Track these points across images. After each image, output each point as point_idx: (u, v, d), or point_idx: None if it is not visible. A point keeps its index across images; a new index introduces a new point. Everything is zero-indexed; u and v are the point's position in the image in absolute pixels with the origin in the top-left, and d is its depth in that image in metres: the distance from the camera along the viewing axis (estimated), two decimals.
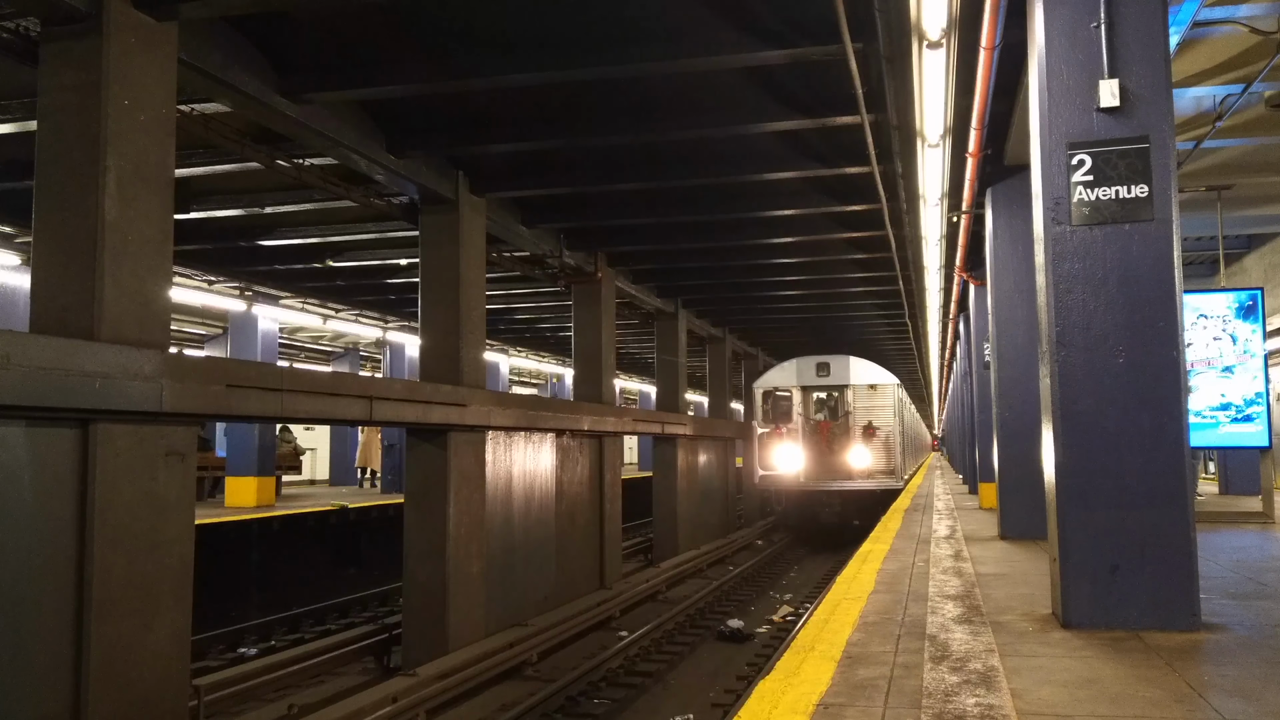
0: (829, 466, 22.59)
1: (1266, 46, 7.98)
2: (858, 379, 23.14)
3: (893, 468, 22.51)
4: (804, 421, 23.22)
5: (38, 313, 6.40)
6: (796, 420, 23.24)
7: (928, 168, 9.38)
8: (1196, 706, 3.73)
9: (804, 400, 23.48)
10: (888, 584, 6.99)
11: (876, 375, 23.26)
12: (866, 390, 23.21)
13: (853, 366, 23.12)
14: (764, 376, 24.30)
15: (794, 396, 23.44)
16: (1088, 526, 5.14)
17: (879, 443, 22.70)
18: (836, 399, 23.79)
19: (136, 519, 6.33)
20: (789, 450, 22.79)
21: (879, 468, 22.48)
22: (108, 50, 6.43)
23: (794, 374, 23.45)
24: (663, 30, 7.89)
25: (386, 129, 10.01)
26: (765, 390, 23.83)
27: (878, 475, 22.25)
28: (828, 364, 23.17)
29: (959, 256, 13.59)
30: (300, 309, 20.35)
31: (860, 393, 23.24)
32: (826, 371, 23.15)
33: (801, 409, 23.35)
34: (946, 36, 6.48)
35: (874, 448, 22.55)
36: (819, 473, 22.61)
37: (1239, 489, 16.03)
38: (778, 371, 24.04)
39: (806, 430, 23.22)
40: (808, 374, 23.25)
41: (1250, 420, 11.24)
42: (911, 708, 3.73)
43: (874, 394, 23.12)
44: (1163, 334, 5.13)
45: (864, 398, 23.15)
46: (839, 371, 23.15)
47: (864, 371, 23.26)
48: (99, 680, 6.00)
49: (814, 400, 23.83)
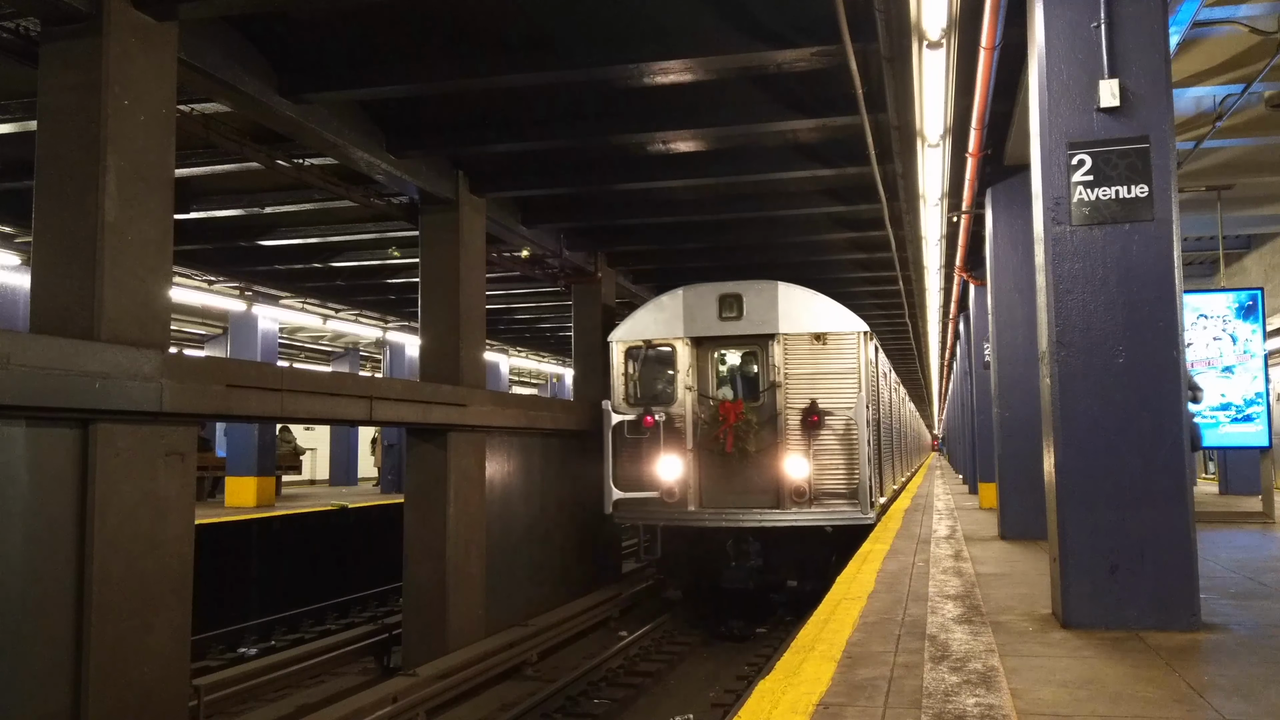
0: (739, 484, 12.39)
1: (1266, 46, 7.98)
2: (791, 323, 12.40)
3: (855, 485, 12.03)
4: (694, 403, 12.65)
5: (38, 313, 6.40)
6: (681, 400, 12.66)
7: (928, 168, 9.38)
8: (1196, 706, 3.73)
9: (696, 364, 12.77)
10: (888, 584, 6.99)
11: (827, 317, 12.44)
12: (808, 345, 12.40)
13: (783, 302, 12.45)
14: (626, 322, 13.34)
15: (677, 357, 12.79)
16: (1088, 526, 5.13)
17: (833, 441, 12.28)
18: (754, 361, 12.81)
19: (136, 519, 6.33)
20: (665, 456, 12.54)
21: (832, 485, 12.19)
22: (108, 50, 6.43)
23: (678, 315, 12.79)
24: (663, 31, 7.89)
25: (386, 129, 10.01)
26: (629, 347, 13.11)
27: (829, 499, 12.11)
28: (738, 297, 12.59)
29: (959, 256, 13.59)
30: (300, 309, 20.36)
31: (796, 349, 12.44)
32: (735, 310, 12.57)
33: (692, 380, 12.69)
34: (946, 36, 6.48)
35: (822, 450, 12.28)
36: (721, 495, 12.42)
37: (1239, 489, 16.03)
38: (650, 313, 13.12)
39: (699, 418, 12.60)
40: (702, 315, 12.70)
41: (1250, 420, 11.25)
42: (911, 708, 3.73)
43: (822, 351, 12.38)
44: (1163, 334, 5.13)
45: (804, 358, 12.44)
46: (758, 310, 12.50)
47: (803, 311, 12.47)
48: (99, 680, 6.00)
49: (714, 363, 12.92)
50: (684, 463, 12.40)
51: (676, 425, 12.57)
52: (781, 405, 12.28)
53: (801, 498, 11.99)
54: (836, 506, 12.01)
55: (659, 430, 12.48)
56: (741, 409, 12.20)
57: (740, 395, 12.59)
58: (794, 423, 12.22)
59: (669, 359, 12.83)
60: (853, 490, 11.96)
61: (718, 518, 12.26)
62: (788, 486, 12.08)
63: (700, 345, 12.77)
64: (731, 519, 12.21)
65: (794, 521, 12.04)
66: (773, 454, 12.20)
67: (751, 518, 12.15)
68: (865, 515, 11.84)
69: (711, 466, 12.40)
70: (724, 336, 12.63)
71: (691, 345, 12.70)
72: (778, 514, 12.06)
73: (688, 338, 12.68)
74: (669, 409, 12.63)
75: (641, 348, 12.97)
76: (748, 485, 12.28)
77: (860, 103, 8.15)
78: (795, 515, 12.03)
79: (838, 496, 12.02)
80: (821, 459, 12.14)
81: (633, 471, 12.63)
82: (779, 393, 12.32)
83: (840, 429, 12.15)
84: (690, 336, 12.67)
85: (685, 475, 12.38)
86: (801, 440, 12.17)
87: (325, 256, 15.78)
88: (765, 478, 12.24)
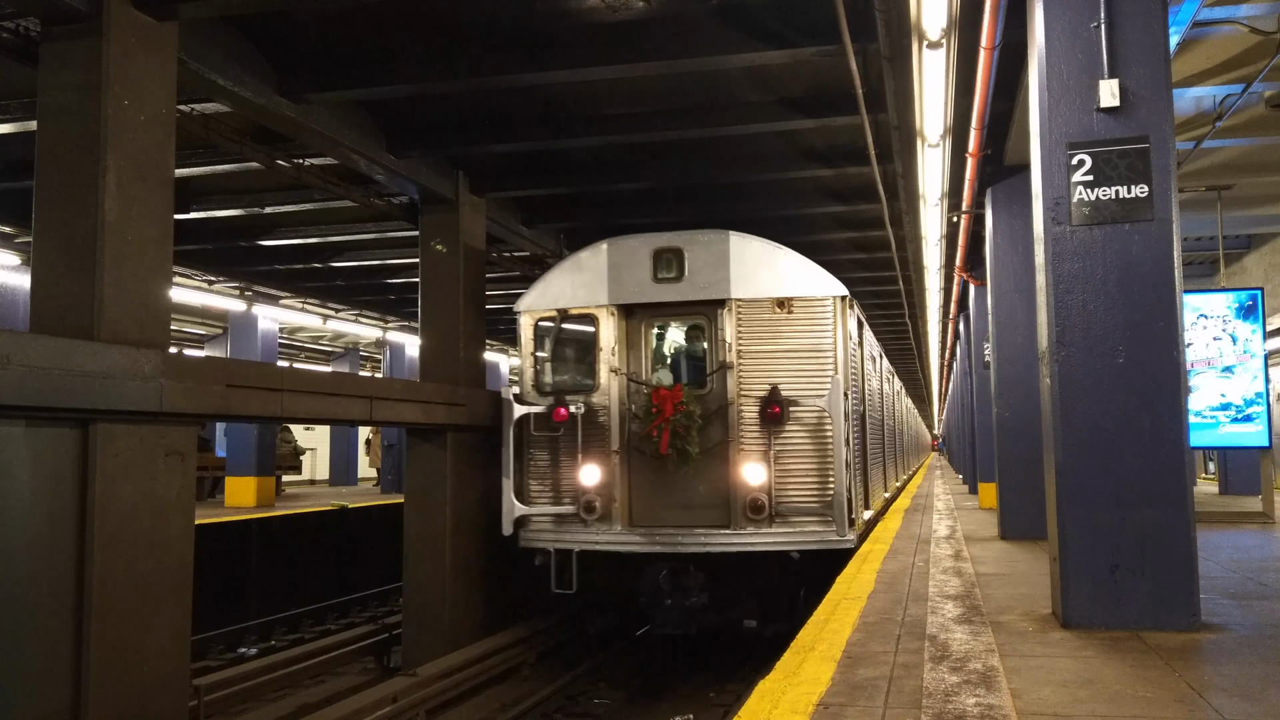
0: (678, 496, 9.59)
1: (1266, 46, 7.99)
2: (747, 285, 9.52)
3: (830, 497, 9.14)
4: (622, 390, 9.81)
5: (38, 313, 6.40)
6: (605, 387, 9.83)
7: (928, 168, 9.38)
8: (1196, 706, 3.73)
9: (624, 339, 9.92)
10: (888, 584, 6.99)
11: (793, 278, 9.51)
12: (769, 314, 9.49)
13: (736, 257, 9.57)
14: (538, 286, 10.38)
15: (600, 330, 9.91)
16: (1088, 526, 5.14)
17: (801, 439, 9.35)
18: (699, 336, 9.94)
19: (136, 519, 6.32)
20: (584, 460, 9.74)
21: (799, 498, 9.29)
22: (108, 50, 6.44)
23: (601, 277, 9.92)
24: (663, 30, 7.89)
25: (386, 129, 10.02)
26: (539, 318, 10.23)
27: (795, 517, 9.23)
28: (677, 252, 9.72)
29: (959, 256, 13.59)
30: (300, 309, 20.37)
31: (753, 319, 9.52)
32: (674, 269, 9.72)
33: (619, 360, 9.83)
34: (946, 36, 6.49)
35: (787, 451, 9.34)
36: (655, 510, 9.66)
37: (1239, 489, 16.03)
38: (566, 274, 10.18)
39: (628, 410, 9.80)
40: (632, 276, 9.82)
41: (1250, 420, 11.25)
42: (911, 708, 3.73)
43: (788, 322, 9.46)
44: (1163, 334, 5.13)
45: (763, 331, 9.50)
46: (704, 268, 9.65)
47: (762, 269, 9.55)
48: (99, 680, 6.00)
49: (647, 338, 10.04)
50: (607, 468, 9.53)
51: (599, 419, 9.63)
52: (734, 393, 9.27)
53: (759, 514, 9.06)
54: (805, 525, 9.06)
55: (576, 426, 9.61)
56: (680, 397, 9.21)
57: (683, 380, 9.65)
58: (750, 415, 9.24)
59: (589, 333, 9.90)
60: (826, 504, 8.98)
61: (649, 541, 9.36)
62: (741, 499, 9.12)
63: (630, 315, 9.85)
64: (667, 542, 9.31)
65: (748, 546, 9.11)
66: (722, 457, 9.27)
67: (693, 541, 9.23)
68: (842, 538, 8.89)
69: (643, 473, 9.55)
70: (660, 304, 9.70)
71: (618, 315, 9.76)
72: (727, 536, 9.15)
73: (613, 305, 9.72)
74: (589, 398, 9.72)
75: (555, 319, 9.99)
76: (689, 498, 9.41)
77: (860, 103, 8.16)
78: (750, 538, 9.09)
79: (807, 513, 9.06)
80: (786, 463, 9.17)
81: (542, 479, 9.89)
82: (730, 376, 9.29)
83: (810, 424, 9.15)
84: (616, 304, 9.73)
85: (609, 485, 9.52)
86: (759, 439, 9.16)
87: (325, 256, 15.79)
88: (712, 488, 9.31)
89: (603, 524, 9.56)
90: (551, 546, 9.76)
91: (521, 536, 9.87)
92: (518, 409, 9.83)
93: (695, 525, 9.38)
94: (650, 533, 9.45)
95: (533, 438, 9.95)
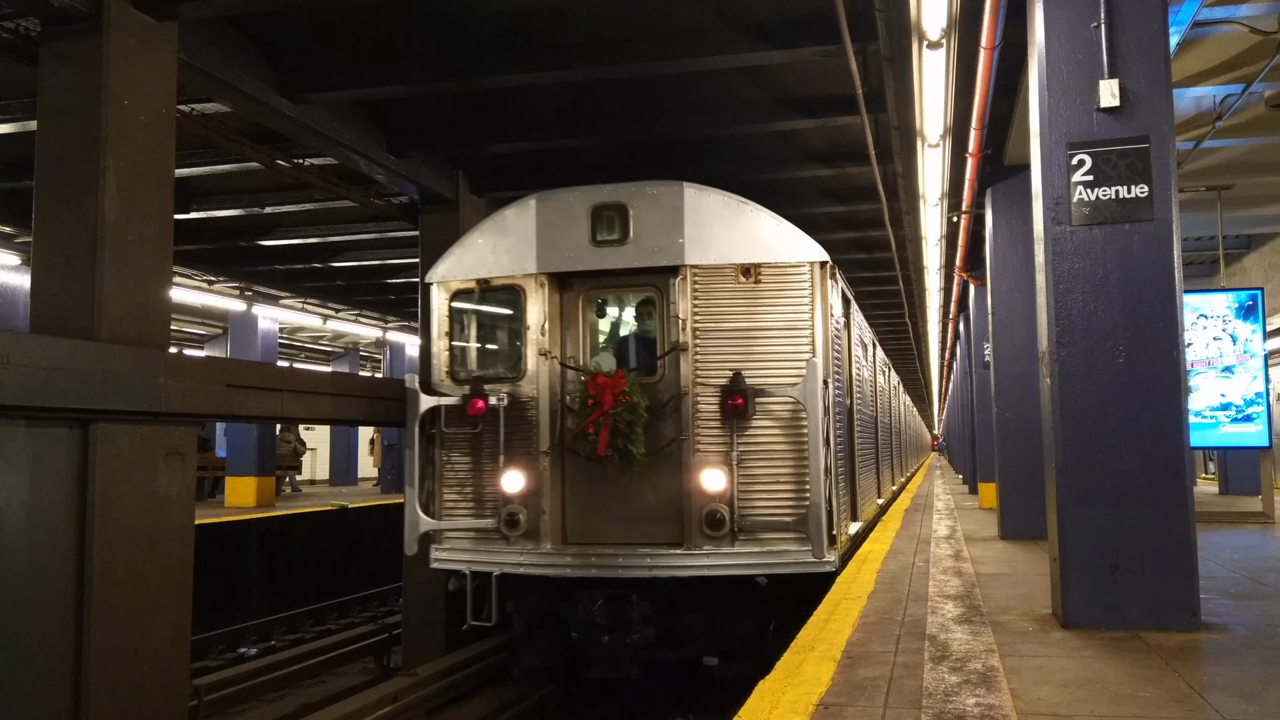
0: (620, 507, 7.87)
1: (1266, 46, 7.99)
2: (705, 249, 7.67)
3: (805, 510, 7.26)
4: (552, 378, 7.98)
5: (38, 313, 6.40)
6: (533, 374, 7.99)
7: (928, 168, 9.39)
8: (1196, 706, 3.73)
9: (555, 315, 8.10)
10: (888, 584, 6.99)
11: (762, 240, 7.67)
12: (732, 284, 7.65)
13: (692, 215, 7.73)
14: (454, 252, 8.43)
15: (527, 305, 8.06)
16: (1088, 526, 5.14)
17: (771, 437, 7.53)
18: (648, 312, 8.18)
19: (136, 519, 6.32)
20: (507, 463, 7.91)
21: (768, 509, 7.45)
22: (108, 50, 6.43)
23: (528, 240, 8.05)
24: (663, 30, 7.89)
25: (386, 129, 10.02)
26: (456, 290, 8.35)
27: (764, 533, 7.44)
28: (621, 209, 7.85)
29: (959, 256, 13.60)
30: (300, 309, 20.37)
31: (713, 290, 7.67)
32: (617, 229, 7.86)
33: (549, 341, 7.98)
34: (946, 36, 6.49)
35: (753, 452, 7.53)
36: (592, 524, 7.96)
37: (1239, 489, 16.03)
38: (488, 236, 8.29)
39: (560, 403, 7.99)
40: (567, 239, 7.97)
41: (1250, 420, 11.25)
42: (911, 708, 3.73)
43: (755, 294, 7.63)
44: (1163, 334, 5.13)
45: (725, 305, 7.66)
46: (653, 229, 7.80)
47: (724, 229, 7.70)
48: (99, 680, 6.00)
49: (584, 315, 8.24)
50: (534, 473, 7.74)
51: (526, 413, 7.83)
52: (688, 380, 7.49)
53: (718, 530, 7.30)
54: (775, 544, 7.31)
55: (498, 422, 7.78)
56: (623, 386, 7.43)
57: (629, 365, 7.88)
58: (708, 408, 7.47)
59: (514, 308, 8.05)
60: (800, 518, 7.18)
61: (582, 563, 7.56)
62: (697, 511, 7.36)
63: (564, 286, 8.03)
64: (604, 564, 7.50)
65: (704, 569, 7.35)
66: (674, 459, 7.54)
67: (635, 563, 7.45)
68: (821, 559, 7.13)
69: (579, 480, 7.82)
70: (600, 272, 7.90)
71: (549, 286, 7.90)
72: (678, 557, 7.39)
73: (543, 274, 7.87)
74: (514, 387, 7.88)
75: (474, 291, 8.12)
76: (633, 509, 7.70)
77: (860, 103, 8.16)
78: (707, 559, 7.34)
79: (777, 528, 7.30)
80: (752, 467, 7.42)
81: (457, 487, 8.09)
82: (684, 360, 7.51)
83: (783, 419, 7.40)
84: (546, 272, 7.87)
85: (536, 493, 7.71)
86: (719, 437, 7.43)
87: (325, 256, 15.79)
88: (662, 497, 7.61)
89: (528, 541, 7.72)
90: (467, 568, 7.91)
91: (433, 556, 8.06)
92: (424, 400, 7.91)
93: (640, 543, 7.60)
94: (585, 552, 7.61)
95: (446, 436, 8.06)
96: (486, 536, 7.92)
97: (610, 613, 7.64)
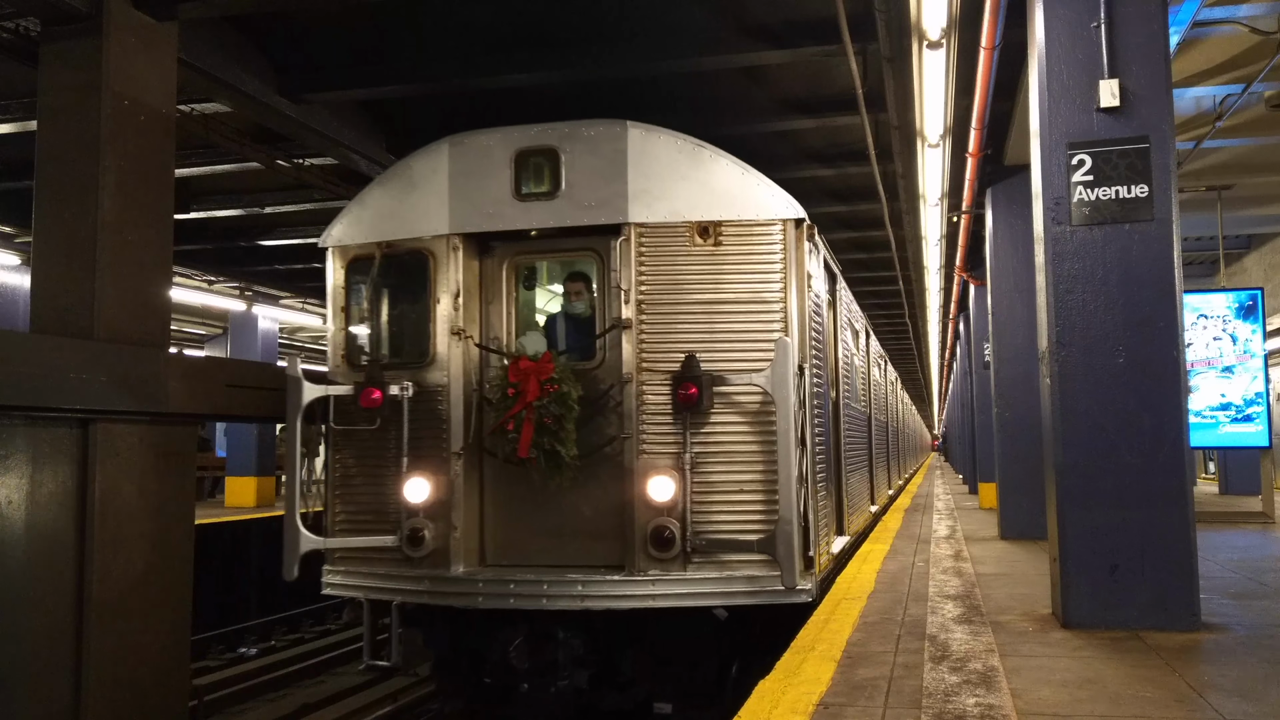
0: (548, 521, 6.35)
1: (1266, 46, 7.99)
2: (654, 204, 6.14)
3: (773, 527, 5.68)
4: (467, 362, 6.43)
5: (38, 313, 6.41)
6: (443, 358, 6.40)
7: (928, 168, 9.39)
8: (1196, 706, 3.73)
9: (471, 285, 6.54)
10: (888, 584, 6.99)
11: (723, 193, 6.13)
12: (685, 247, 6.11)
13: (638, 163, 6.20)
14: (352, 209, 6.86)
15: (436, 273, 6.46)
16: (1088, 526, 5.14)
17: (733, 435, 5.99)
18: (584, 281, 6.65)
19: (136, 519, 6.33)
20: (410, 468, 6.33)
21: (728, 525, 5.91)
22: (108, 50, 6.44)
23: (439, 193, 6.48)
24: (663, 30, 7.90)
25: (386, 129, 10.02)
26: (354, 256, 6.73)
27: (724, 555, 5.89)
28: (551, 154, 6.34)
29: (959, 256, 13.60)
30: (300, 309, 20.37)
31: (662, 254, 6.13)
32: (546, 179, 6.35)
33: (461, 314, 6.41)
34: (946, 36, 6.50)
35: (711, 455, 5.98)
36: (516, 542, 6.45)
37: (1239, 489, 16.03)
38: (392, 191, 6.67)
39: (477, 393, 6.46)
40: (485, 191, 6.41)
41: (1250, 420, 11.25)
42: (911, 708, 3.73)
43: (714, 258, 6.09)
44: (1163, 334, 5.13)
45: (677, 273, 6.12)
46: (591, 179, 6.26)
47: (676, 179, 6.17)
48: (99, 680, 6.00)
49: (507, 285, 6.65)
50: (444, 480, 6.27)
51: (435, 406, 6.38)
52: (632, 365, 6.06)
53: (666, 550, 5.89)
54: (736, 568, 5.88)
55: (401, 416, 6.34)
56: (550, 372, 6.05)
57: (563, 347, 6.55)
58: (656, 400, 6.04)
59: (422, 278, 6.53)
60: (769, 536, 5.71)
61: (498, 591, 6.04)
62: (641, 527, 5.94)
63: (484, 250, 6.62)
64: (525, 594, 6.01)
65: (648, 600, 5.92)
66: (614, 463, 6.15)
67: (564, 592, 5.96)
68: (792, 587, 5.68)
69: (499, 488, 6.45)
70: (526, 233, 6.48)
71: (464, 250, 6.44)
72: (617, 584, 5.94)
73: (456, 235, 6.42)
74: (421, 375, 6.43)
75: (373, 257, 6.62)
76: (564, 524, 6.31)
77: (860, 103, 8.16)
78: (652, 587, 5.91)
79: (739, 548, 5.86)
80: (709, 472, 5.97)
81: (352, 495, 6.62)
82: (628, 341, 6.07)
83: (748, 412, 5.98)
84: (461, 233, 6.42)
85: (445, 504, 6.26)
86: (670, 435, 6.00)
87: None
88: (599, 509, 6.24)
89: (435, 563, 6.23)
90: (364, 596, 6.51)
91: (324, 579, 6.57)
92: (309, 390, 6.40)
93: (573, 565, 6.19)
94: (502, 578, 6.08)
95: (338, 434, 6.59)
96: (388, 557, 6.39)
97: (531, 654, 6.13)
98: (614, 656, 6.27)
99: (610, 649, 6.26)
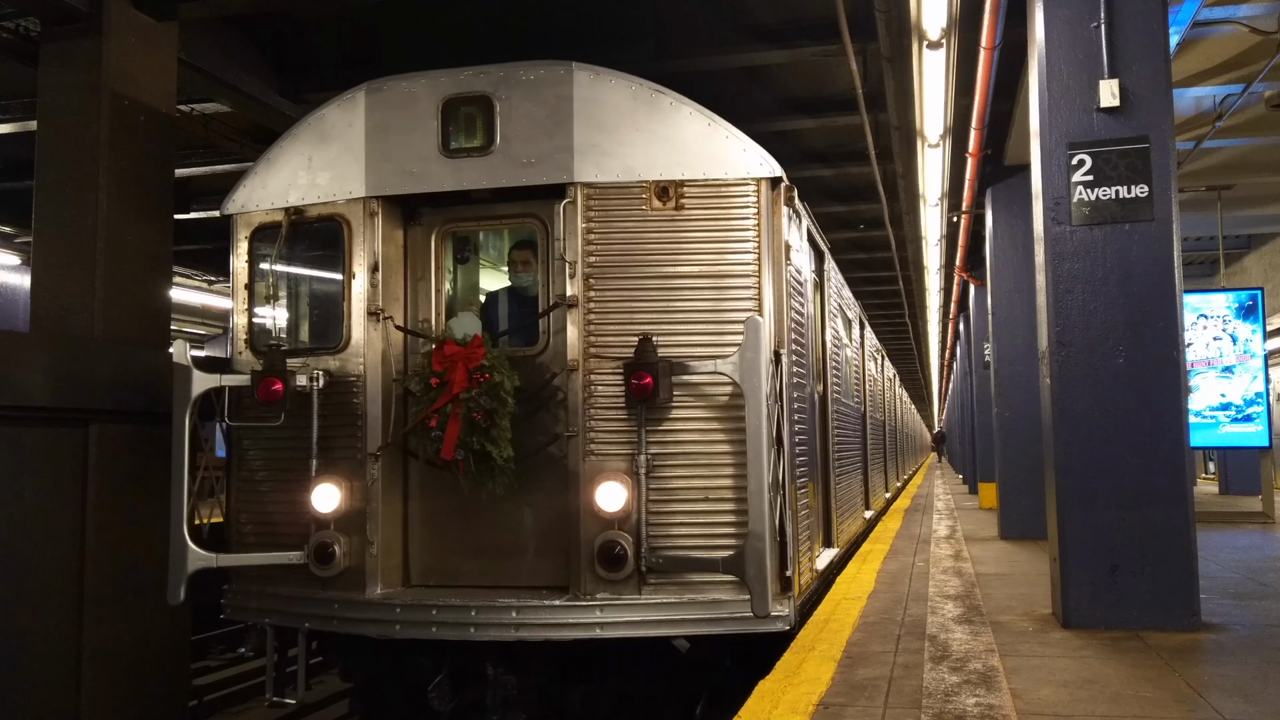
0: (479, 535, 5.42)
1: (1266, 46, 7.99)
2: (604, 162, 5.19)
3: (742, 543, 4.78)
4: (387, 348, 5.49)
5: (38, 313, 6.41)
6: (358, 343, 5.43)
7: (928, 168, 9.39)
8: (1196, 706, 3.73)
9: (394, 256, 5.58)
10: (888, 584, 6.99)
11: (686, 148, 5.24)
12: (640, 210, 5.17)
13: (584, 110, 5.24)
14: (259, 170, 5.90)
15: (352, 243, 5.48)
16: (1088, 526, 5.14)
17: (696, 434, 5.06)
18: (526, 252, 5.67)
19: (136, 519, 6.32)
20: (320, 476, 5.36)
21: (688, 539, 4.97)
22: (108, 50, 6.44)
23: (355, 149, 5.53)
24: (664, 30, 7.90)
25: None
26: (259, 225, 5.79)
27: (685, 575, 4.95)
28: (484, 102, 5.34)
29: (959, 256, 13.59)
30: None
31: (614, 221, 5.19)
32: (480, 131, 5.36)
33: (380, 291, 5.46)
34: (946, 36, 6.50)
35: (670, 458, 5.02)
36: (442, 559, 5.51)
37: (1239, 489, 16.03)
38: (303, 147, 5.74)
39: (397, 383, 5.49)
40: (407, 146, 5.42)
41: (1250, 420, 11.25)
42: (911, 708, 3.73)
43: (674, 224, 5.16)
44: (1162, 334, 5.13)
45: (631, 242, 5.17)
46: (531, 129, 5.28)
47: (631, 131, 5.21)
48: (98, 680, 6.00)
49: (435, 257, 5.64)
50: (358, 485, 5.38)
51: (350, 400, 5.47)
52: (577, 351, 5.17)
53: (617, 569, 4.99)
54: (701, 589, 4.97)
55: (310, 411, 5.42)
56: (481, 359, 5.14)
57: (496, 330, 5.64)
58: (606, 391, 5.15)
59: (334, 249, 5.62)
60: (737, 554, 4.83)
61: (418, 618, 5.14)
62: (588, 542, 5.05)
63: (408, 217, 5.71)
64: (448, 622, 5.08)
65: (596, 629, 5.00)
66: (557, 466, 5.28)
67: (494, 619, 5.04)
68: (764, 614, 4.78)
69: (424, 495, 5.57)
70: (460, 197, 5.56)
71: (383, 215, 5.55)
72: (559, 610, 5.05)
73: (373, 198, 5.51)
74: (333, 362, 5.52)
75: (280, 225, 5.73)
76: (501, 538, 5.44)
77: (860, 103, 8.17)
78: (600, 612, 5.00)
79: (701, 566, 4.96)
80: (667, 477, 5.08)
81: (255, 503, 5.74)
82: (574, 321, 5.18)
83: (717, 407, 5.09)
84: (380, 195, 5.52)
85: (359, 513, 5.36)
86: (622, 433, 5.12)
87: None
88: (540, 520, 5.38)
89: (347, 584, 5.33)
90: (267, 622, 5.60)
91: (224, 601, 5.69)
92: (198, 380, 5.43)
93: (509, 586, 5.30)
94: (424, 602, 5.17)
95: (238, 431, 5.74)
96: (295, 576, 5.43)
97: (455, 693, 5.28)
98: (556, 696, 5.30)
99: (551, 687, 5.29)
